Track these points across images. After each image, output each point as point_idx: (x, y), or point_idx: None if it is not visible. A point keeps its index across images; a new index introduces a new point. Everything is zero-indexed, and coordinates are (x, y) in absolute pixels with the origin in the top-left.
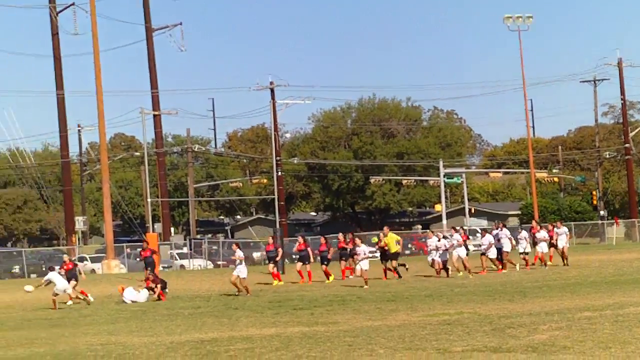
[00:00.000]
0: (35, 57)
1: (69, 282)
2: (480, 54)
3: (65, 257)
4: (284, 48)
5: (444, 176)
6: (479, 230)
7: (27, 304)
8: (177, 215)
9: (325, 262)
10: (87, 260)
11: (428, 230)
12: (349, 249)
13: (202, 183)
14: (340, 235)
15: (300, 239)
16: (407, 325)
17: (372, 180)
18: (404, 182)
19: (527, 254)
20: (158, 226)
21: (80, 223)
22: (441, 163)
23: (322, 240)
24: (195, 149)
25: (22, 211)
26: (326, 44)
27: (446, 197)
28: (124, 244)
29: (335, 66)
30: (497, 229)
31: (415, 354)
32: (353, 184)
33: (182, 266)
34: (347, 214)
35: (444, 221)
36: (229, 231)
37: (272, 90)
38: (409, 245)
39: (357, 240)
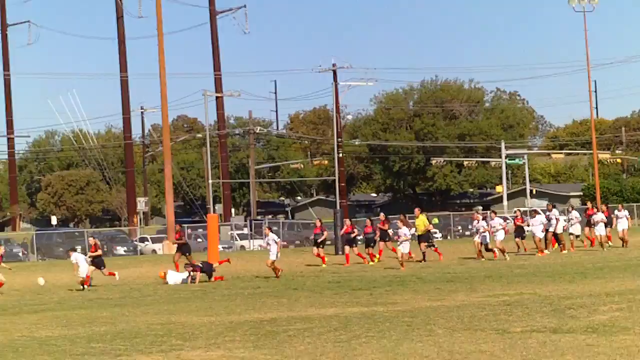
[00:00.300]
0: (100, 40)
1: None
2: (545, 35)
3: (91, 241)
4: (346, 30)
5: (506, 157)
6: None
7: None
8: (238, 197)
9: (372, 244)
10: (148, 241)
11: (473, 211)
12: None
13: (263, 164)
14: (382, 215)
15: (348, 222)
16: (466, 305)
17: (433, 162)
18: (466, 163)
19: (577, 236)
20: (219, 207)
21: (142, 204)
22: (503, 144)
23: (367, 222)
24: (257, 131)
25: (85, 192)
26: (389, 26)
27: (507, 179)
28: (185, 225)
29: (398, 48)
30: (549, 211)
31: (474, 335)
32: (414, 166)
33: (242, 247)
34: (408, 195)
35: (505, 202)
36: (289, 212)
37: (334, 72)
38: (469, 227)
39: (400, 222)
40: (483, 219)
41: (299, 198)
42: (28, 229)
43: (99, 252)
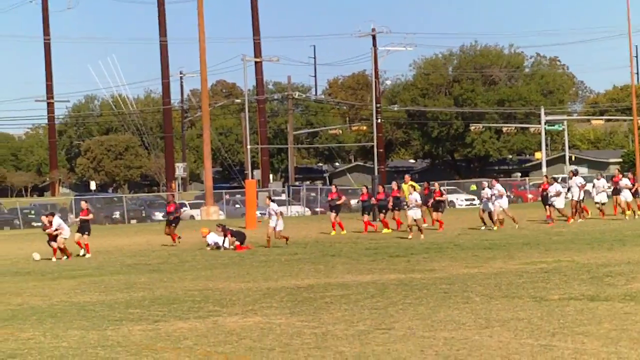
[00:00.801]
0: (139, 4)
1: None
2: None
3: (83, 205)
4: None
5: (545, 123)
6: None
7: (126, 249)
8: (276, 162)
9: (384, 211)
10: (186, 206)
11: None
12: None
13: (301, 130)
14: (394, 184)
15: (334, 188)
16: (503, 273)
17: (472, 128)
18: (504, 129)
19: (603, 204)
20: (257, 173)
21: (180, 169)
22: (542, 110)
23: (363, 190)
24: (296, 96)
25: (124, 157)
26: None
27: (547, 145)
28: (223, 191)
29: (437, 13)
30: (570, 178)
31: (512, 302)
32: (453, 132)
33: (280, 213)
34: (446, 162)
35: (544, 169)
36: (327, 178)
37: (373, 37)
38: (507, 194)
39: (411, 188)
40: (557, 182)
41: (337, 164)
42: (67, 194)
43: (90, 216)
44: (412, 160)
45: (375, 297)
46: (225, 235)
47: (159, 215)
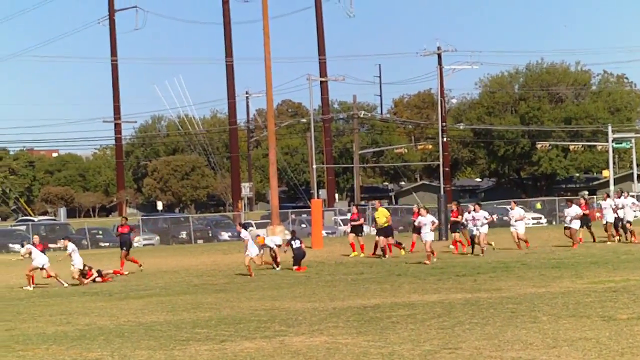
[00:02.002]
0: (206, 25)
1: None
2: None
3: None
4: (451, 12)
5: (613, 141)
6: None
7: (193, 269)
8: (341, 182)
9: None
10: (252, 226)
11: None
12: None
13: (367, 149)
14: (416, 207)
15: (354, 209)
16: (571, 292)
17: (538, 146)
18: (572, 147)
19: (629, 222)
20: (323, 192)
21: (246, 189)
22: (610, 128)
23: (354, 209)
24: (361, 115)
25: (190, 177)
26: (494, 8)
27: (614, 163)
28: (289, 210)
29: (503, 30)
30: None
31: (579, 321)
32: (519, 150)
33: (345, 232)
34: (513, 180)
35: (612, 187)
36: (393, 197)
37: (439, 56)
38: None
39: (423, 211)
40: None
41: (402, 183)
42: (134, 214)
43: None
44: (478, 179)
45: (442, 316)
46: (293, 238)
47: (225, 235)
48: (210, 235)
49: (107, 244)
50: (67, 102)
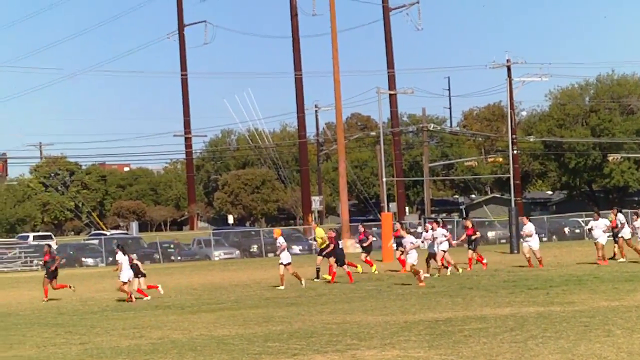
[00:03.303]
0: (274, 39)
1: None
2: None
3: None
4: (520, 24)
5: None
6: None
7: (264, 283)
8: (411, 195)
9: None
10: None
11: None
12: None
13: (437, 162)
14: (398, 225)
15: (361, 228)
16: None
17: (610, 158)
18: None
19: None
20: (393, 205)
21: (316, 203)
22: None
23: (361, 228)
24: (431, 128)
25: (261, 191)
26: (563, 19)
27: None
28: (359, 224)
29: (572, 42)
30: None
31: None
32: (590, 162)
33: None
34: (584, 193)
35: None
36: (463, 210)
37: (508, 68)
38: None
39: (403, 231)
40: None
41: (473, 196)
42: (205, 228)
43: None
44: (549, 192)
45: (515, 330)
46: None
47: (295, 249)
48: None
49: (179, 258)
50: (138, 116)
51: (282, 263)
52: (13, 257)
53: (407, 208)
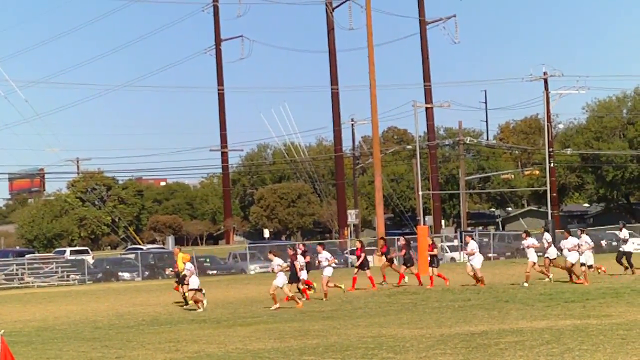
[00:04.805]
0: (310, 53)
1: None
2: None
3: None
4: (557, 37)
5: None
6: None
7: (300, 297)
8: (448, 208)
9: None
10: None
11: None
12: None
13: (473, 175)
14: (358, 244)
15: (358, 244)
16: None
17: None
18: None
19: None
20: (429, 219)
21: (352, 216)
22: None
23: (358, 244)
24: (467, 141)
25: (297, 205)
26: (600, 32)
27: None
28: (395, 237)
29: (609, 54)
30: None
31: None
32: (628, 175)
33: (452, 259)
34: (621, 205)
35: None
36: (499, 223)
37: (545, 81)
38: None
39: (319, 247)
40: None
41: (509, 209)
42: (241, 242)
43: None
44: (586, 205)
45: (551, 343)
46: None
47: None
48: (317, 262)
49: (215, 272)
50: (175, 131)
51: (192, 288)
52: (50, 271)
53: (443, 221)
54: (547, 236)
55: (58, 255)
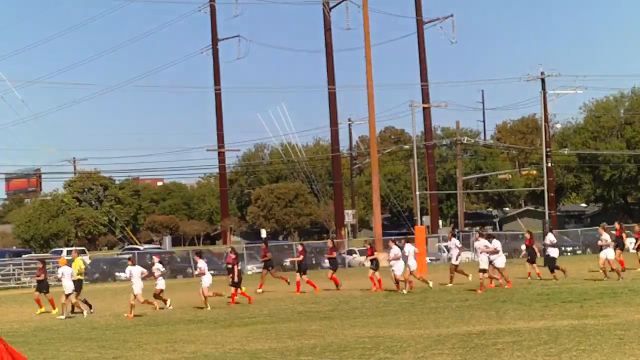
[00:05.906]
0: (307, 53)
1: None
2: None
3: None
4: (554, 37)
5: None
6: None
7: (297, 296)
8: (445, 208)
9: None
10: (356, 253)
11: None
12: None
13: (470, 175)
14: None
15: (330, 244)
16: None
17: None
18: None
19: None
20: (426, 219)
21: (349, 216)
22: None
23: (300, 247)
24: (464, 141)
25: (294, 205)
26: (598, 32)
27: None
28: (393, 237)
29: (607, 54)
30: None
31: None
32: (625, 175)
33: (449, 259)
34: (619, 205)
35: None
36: (497, 223)
37: (542, 81)
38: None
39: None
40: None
41: (507, 209)
42: (238, 242)
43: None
44: (583, 205)
45: (548, 343)
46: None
47: (327, 263)
48: (314, 262)
49: (212, 272)
50: (171, 131)
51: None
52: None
53: (440, 221)
54: (456, 241)
55: (55, 255)
